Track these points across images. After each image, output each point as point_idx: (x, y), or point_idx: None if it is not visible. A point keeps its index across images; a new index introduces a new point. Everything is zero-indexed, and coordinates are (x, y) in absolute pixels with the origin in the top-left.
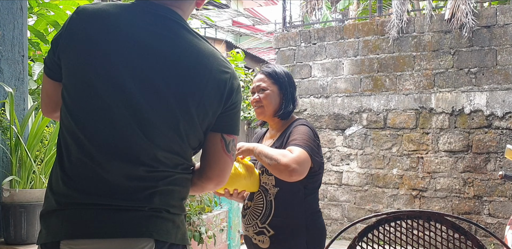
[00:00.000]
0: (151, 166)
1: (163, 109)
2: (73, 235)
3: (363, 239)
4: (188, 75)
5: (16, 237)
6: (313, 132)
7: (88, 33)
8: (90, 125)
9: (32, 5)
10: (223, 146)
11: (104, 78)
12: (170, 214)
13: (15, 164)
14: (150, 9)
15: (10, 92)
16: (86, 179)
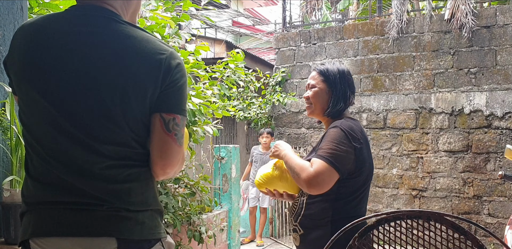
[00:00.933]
0: (100, 165)
1: (97, 103)
2: (40, 233)
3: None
4: (119, 62)
5: (16, 237)
6: (346, 133)
7: (27, 50)
8: (39, 134)
9: (32, 5)
10: (162, 126)
11: (44, 85)
12: (130, 212)
13: (16, 164)
14: (78, 12)
15: (10, 92)
16: (48, 181)
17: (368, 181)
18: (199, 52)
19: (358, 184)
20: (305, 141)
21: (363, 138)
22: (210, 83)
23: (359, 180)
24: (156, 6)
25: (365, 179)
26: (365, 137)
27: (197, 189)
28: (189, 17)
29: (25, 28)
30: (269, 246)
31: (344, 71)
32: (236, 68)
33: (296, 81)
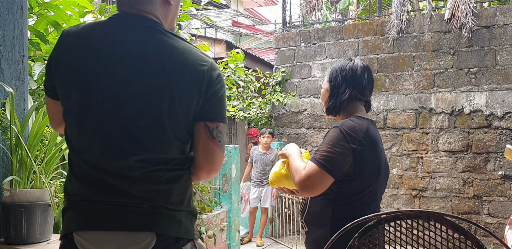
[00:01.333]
0: (143, 167)
1: (146, 111)
2: (83, 227)
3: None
4: (165, 73)
5: (16, 237)
6: (345, 134)
7: (73, 56)
8: (84, 137)
9: (32, 5)
10: (207, 133)
11: (91, 92)
12: (169, 210)
13: (16, 164)
14: (124, 21)
15: (11, 92)
16: (91, 182)
17: (373, 183)
18: None
19: (359, 186)
20: (305, 141)
21: (368, 138)
22: None
23: (359, 182)
24: None
25: (368, 181)
26: (372, 137)
27: (197, 189)
28: (189, 17)
29: (72, 35)
30: (269, 246)
31: (345, 67)
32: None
33: (296, 81)
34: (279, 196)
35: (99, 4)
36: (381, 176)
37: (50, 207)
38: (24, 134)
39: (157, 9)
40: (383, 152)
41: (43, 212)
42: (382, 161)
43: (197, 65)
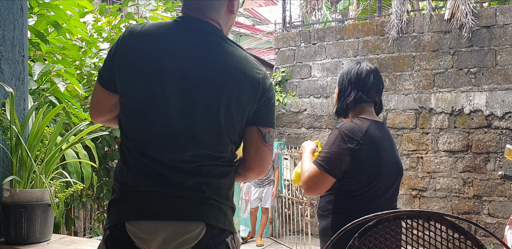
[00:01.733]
0: (196, 162)
1: (206, 111)
2: (136, 216)
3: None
4: (225, 78)
5: (16, 237)
6: (343, 135)
7: (139, 52)
8: (144, 130)
9: (32, 5)
10: (260, 138)
11: (154, 89)
12: (217, 202)
13: (16, 164)
14: (189, 24)
15: (11, 92)
16: (145, 173)
17: (373, 181)
18: None
19: (359, 183)
20: (305, 141)
21: (366, 138)
22: None
23: (359, 180)
24: (156, 6)
25: (368, 179)
26: (372, 137)
27: None
28: None
29: (138, 33)
30: (269, 246)
31: (351, 71)
32: None
33: (296, 81)
34: (279, 196)
35: (99, 4)
36: (383, 174)
37: (50, 207)
38: (24, 134)
39: (220, 17)
40: (389, 151)
41: (43, 212)
42: (384, 160)
43: (254, 73)
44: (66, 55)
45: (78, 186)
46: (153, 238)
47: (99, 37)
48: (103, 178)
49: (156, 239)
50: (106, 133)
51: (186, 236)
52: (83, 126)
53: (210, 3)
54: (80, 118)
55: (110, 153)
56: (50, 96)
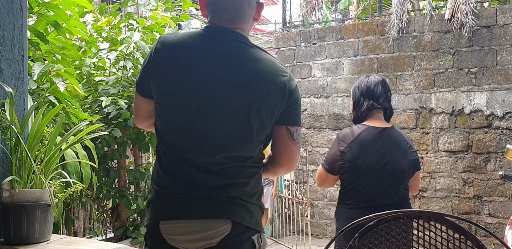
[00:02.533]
0: (226, 164)
1: (237, 115)
2: (168, 217)
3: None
4: (253, 83)
5: (16, 237)
6: (338, 139)
7: (172, 62)
8: (179, 135)
9: (32, 5)
10: (289, 136)
11: (187, 96)
12: (244, 202)
13: (15, 164)
14: (218, 34)
15: (10, 92)
16: (178, 175)
17: (360, 178)
18: None
19: (350, 179)
20: (305, 141)
21: (356, 142)
22: None
23: (349, 177)
24: (156, 6)
25: (356, 176)
26: (361, 141)
27: None
28: (189, 17)
29: (170, 43)
30: (269, 246)
31: (361, 84)
32: None
33: (296, 81)
34: (278, 196)
35: (99, 4)
36: (370, 172)
37: (50, 207)
38: (23, 134)
39: (247, 26)
40: (383, 153)
41: (42, 212)
42: (372, 160)
43: (280, 76)
44: (65, 55)
45: (78, 186)
46: (182, 235)
47: (99, 37)
48: (102, 178)
49: (185, 236)
50: (106, 133)
51: (212, 232)
52: (82, 126)
53: (239, 15)
54: (80, 118)
55: (109, 153)
56: (49, 96)
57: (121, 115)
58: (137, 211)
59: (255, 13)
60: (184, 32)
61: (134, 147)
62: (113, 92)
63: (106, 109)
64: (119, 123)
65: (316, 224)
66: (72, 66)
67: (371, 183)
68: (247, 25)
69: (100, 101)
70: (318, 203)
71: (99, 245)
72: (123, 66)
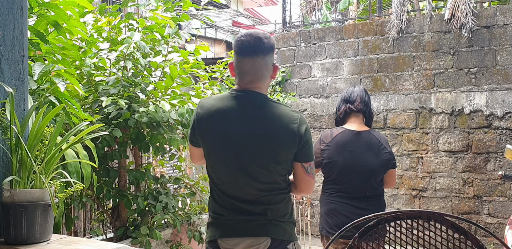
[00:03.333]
0: (259, 195)
1: (261, 160)
2: (224, 235)
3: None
4: (272, 134)
5: (16, 237)
6: (319, 139)
7: (209, 123)
8: (222, 176)
9: (32, 5)
10: (304, 171)
11: (225, 149)
12: (278, 222)
13: (15, 164)
14: (242, 96)
15: (10, 92)
16: (227, 206)
17: (336, 172)
18: (199, 52)
19: (328, 173)
20: None
21: (333, 142)
22: (210, 83)
23: (327, 170)
24: (156, 6)
25: (332, 169)
26: (338, 141)
27: (197, 189)
28: (189, 17)
29: (207, 106)
30: None
31: (345, 91)
32: None
33: (296, 81)
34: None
35: (99, 4)
36: (345, 168)
37: (50, 207)
38: (24, 134)
39: (265, 84)
40: (356, 153)
41: (43, 212)
42: (347, 158)
43: (291, 125)
44: (66, 55)
45: (78, 186)
46: (236, 247)
47: (99, 37)
48: (103, 178)
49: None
50: (106, 133)
51: (257, 246)
52: (83, 126)
53: (258, 76)
54: (80, 119)
55: (110, 153)
56: (50, 96)
57: (121, 115)
58: (137, 211)
59: (271, 73)
60: (216, 96)
61: (134, 147)
62: (113, 92)
63: (106, 109)
64: (119, 123)
65: (316, 224)
66: (72, 66)
67: (345, 178)
68: (265, 83)
69: (101, 101)
70: (318, 203)
71: (99, 245)
72: (124, 66)
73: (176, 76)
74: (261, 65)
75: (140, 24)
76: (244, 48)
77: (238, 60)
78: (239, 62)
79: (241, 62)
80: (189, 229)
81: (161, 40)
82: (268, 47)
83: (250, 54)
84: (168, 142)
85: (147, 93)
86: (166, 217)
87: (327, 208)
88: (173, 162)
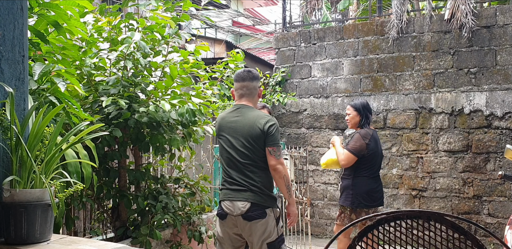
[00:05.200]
0: (247, 169)
1: (244, 144)
2: (224, 198)
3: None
4: (248, 127)
5: (16, 237)
6: (362, 136)
7: (221, 127)
8: (227, 159)
9: (32, 5)
10: (269, 152)
11: (227, 144)
12: (258, 191)
13: (16, 163)
14: (238, 109)
15: (11, 92)
16: (229, 179)
17: (373, 161)
18: (199, 52)
19: (371, 160)
20: (305, 141)
21: (373, 138)
22: (210, 83)
23: (369, 159)
24: (156, 6)
25: (372, 159)
26: (375, 137)
27: (197, 189)
28: (189, 17)
29: (220, 116)
30: None
31: (364, 102)
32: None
33: (296, 81)
34: (278, 196)
35: (99, 4)
36: (378, 157)
37: (50, 207)
38: (24, 134)
39: (254, 99)
40: (380, 146)
41: (43, 212)
42: (378, 150)
43: (261, 121)
44: (66, 55)
45: (78, 186)
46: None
47: (99, 37)
48: (103, 178)
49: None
50: (106, 133)
51: (241, 207)
52: (83, 126)
53: (250, 96)
54: (80, 119)
55: (110, 153)
56: (50, 96)
57: (122, 115)
58: (137, 211)
59: (258, 93)
60: (226, 110)
61: (135, 147)
62: (113, 92)
63: (106, 109)
64: (120, 123)
65: (316, 223)
66: (72, 66)
67: (378, 163)
68: (253, 100)
69: (101, 101)
70: (318, 203)
71: (100, 245)
72: (124, 66)
73: (176, 76)
74: (252, 89)
75: (140, 24)
76: (237, 77)
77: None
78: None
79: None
80: (189, 229)
81: (161, 40)
82: (252, 76)
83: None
84: (168, 142)
85: (147, 93)
86: (166, 217)
87: (368, 188)
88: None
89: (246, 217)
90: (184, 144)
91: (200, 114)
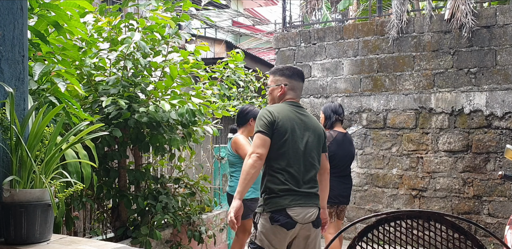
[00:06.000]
0: (315, 173)
1: (313, 145)
2: (292, 205)
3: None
4: (319, 130)
5: (16, 237)
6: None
7: (282, 124)
8: (290, 160)
9: (32, 6)
10: (325, 157)
11: (289, 141)
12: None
13: (16, 163)
14: (293, 106)
15: (11, 92)
16: (295, 181)
17: (337, 160)
18: (199, 52)
19: (333, 162)
20: None
21: (335, 140)
22: (210, 83)
23: (331, 160)
24: (156, 6)
25: (334, 159)
26: (337, 140)
27: (197, 189)
28: (189, 17)
29: (274, 112)
30: None
31: (330, 105)
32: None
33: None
34: None
35: (99, 4)
36: (343, 159)
37: (50, 207)
38: (24, 134)
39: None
40: (345, 147)
41: (43, 212)
42: (342, 152)
43: (321, 127)
44: (66, 55)
45: (78, 186)
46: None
47: (99, 37)
48: (103, 178)
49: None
50: (106, 133)
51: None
52: (83, 126)
53: (299, 94)
54: (80, 119)
55: (110, 153)
56: (50, 97)
57: (121, 115)
58: (137, 211)
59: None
60: (278, 105)
61: (134, 147)
62: (113, 92)
63: (106, 109)
64: (119, 123)
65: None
66: (72, 66)
67: (341, 163)
68: (299, 98)
69: (101, 101)
70: None
71: (99, 245)
72: (124, 66)
73: (176, 76)
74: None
75: (140, 24)
76: (299, 75)
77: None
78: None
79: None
80: (189, 229)
81: (161, 40)
82: None
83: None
84: (168, 142)
85: (147, 93)
86: (166, 217)
87: None
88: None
89: (317, 224)
90: (184, 144)
91: (200, 115)
